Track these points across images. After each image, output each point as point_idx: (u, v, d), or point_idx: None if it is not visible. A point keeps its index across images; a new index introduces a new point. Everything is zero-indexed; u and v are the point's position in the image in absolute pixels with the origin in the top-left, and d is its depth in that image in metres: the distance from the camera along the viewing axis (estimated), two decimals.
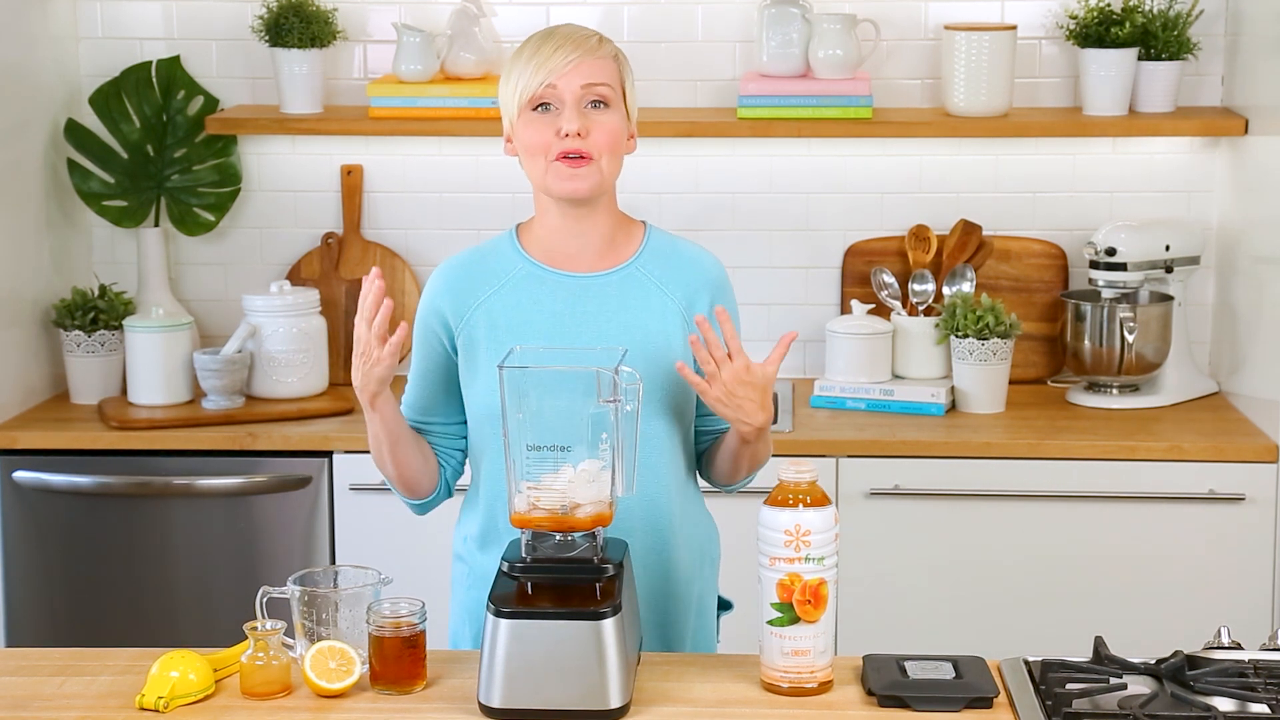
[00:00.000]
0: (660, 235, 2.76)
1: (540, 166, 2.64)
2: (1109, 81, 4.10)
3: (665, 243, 2.74)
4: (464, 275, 2.72)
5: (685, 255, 2.73)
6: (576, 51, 2.62)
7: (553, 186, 2.65)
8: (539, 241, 2.72)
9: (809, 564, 2.37)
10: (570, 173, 2.62)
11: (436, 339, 2.71)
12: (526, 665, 2.32)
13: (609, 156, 2.64)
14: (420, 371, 2.74)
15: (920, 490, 3.83)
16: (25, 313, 4.13)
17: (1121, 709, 2.33)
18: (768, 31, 4.16)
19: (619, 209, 2.73)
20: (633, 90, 2.70)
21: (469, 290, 2.70)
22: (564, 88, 2.61)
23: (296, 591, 2.49)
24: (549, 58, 2.62)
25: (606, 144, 2.63)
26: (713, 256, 2.76)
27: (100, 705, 2.41)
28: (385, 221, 4.38)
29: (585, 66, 2.62)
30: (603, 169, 2.63)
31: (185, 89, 4.32)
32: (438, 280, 2.73)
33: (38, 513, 3.94)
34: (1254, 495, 3.79)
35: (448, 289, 2.71)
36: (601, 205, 2.68)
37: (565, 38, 2.64)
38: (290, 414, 4.02)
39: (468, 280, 2.71)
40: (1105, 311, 4.08)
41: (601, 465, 2.42)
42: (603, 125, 2.62)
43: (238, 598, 3.40)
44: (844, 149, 4.30)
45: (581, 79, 2.61)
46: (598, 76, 2.62)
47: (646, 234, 2.74)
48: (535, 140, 2.63)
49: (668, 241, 2.75)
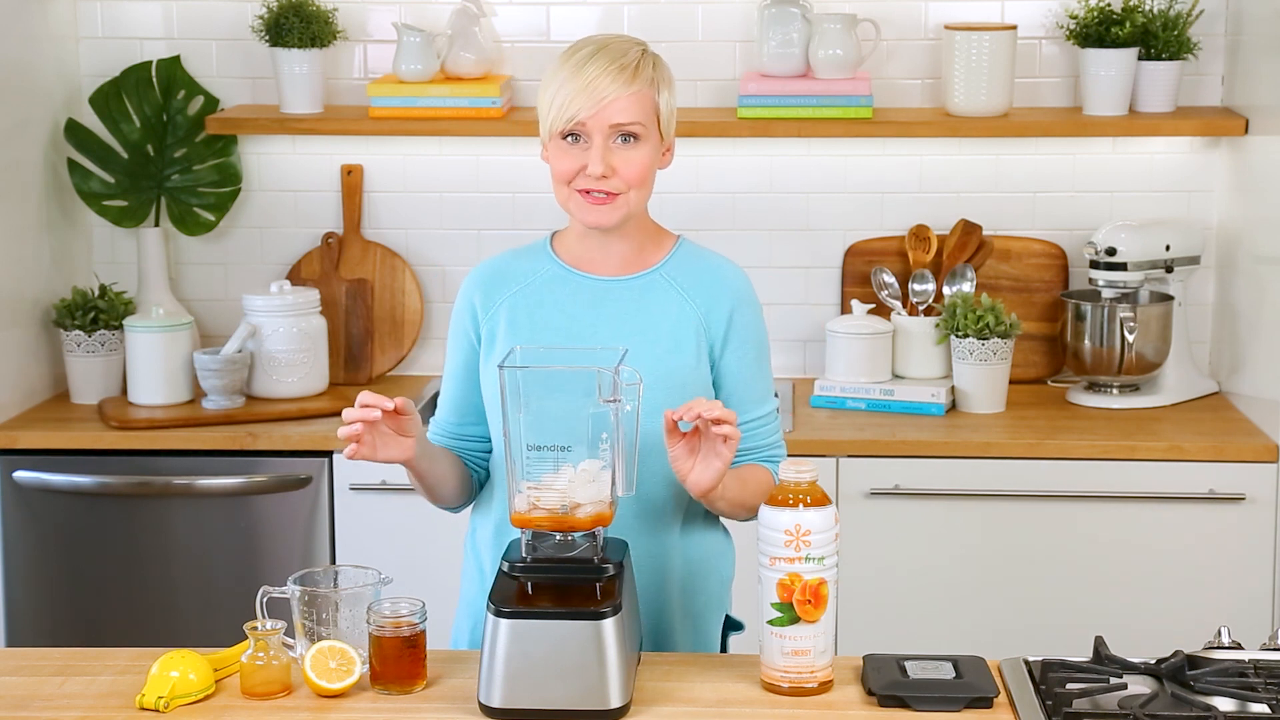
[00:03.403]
0: (690, 247, 2.74)
1: (564, 193, 2.64)
2: (1109, 81, 4.10)
3: (693, 253, 2.73)
4: (495, 274, 2.73)
5: (710, 266, 2.72)
6: (611, 87, 2.56)
7: (576, 214, 2.65)
8: (569, 248, 2.72)
9: (809, 564, 2.37)
10: (593, 209, 2.62)
11: (467, 337, 2.73)
12: (527, 665, 2.32)
13: (638, 190, 2.62)
14: (454, 372, 2.75)
15: (920, 490, 3.83)
16: (25, 313, 4.13)
17: (1121, 709, 2.33)
18: (768, 31, 4.16)
19: (651, 220, 2.73)
20: (670, 103, 2.64)
21: (497, 288, 2.71)
22: (592, 126, 2.58)
23: (296, 591, 2.49)
24: (581, 90, 2.57)
25: (636, 179, 2.61)
26: (739, 270, 2.74)
27: (100, 705, 2.41)
28: (385, 221, 4.38)
29: (617, 105, 2.58)
30: (630, 201, 2.62)
31: (185, 89, 4.32)
32: (472, 278, 2.75)
33: (38, 513, 3.94)
34: (1254, 495, 3.79)
35: (480, 286, 2.73)
36: (630, 224, 2.67)
37: (603, 69, 2.57)
38: (290, 414, 4.02)
39: (498, 279, 2.72)
40: (1105, 311, 4.08)
41: (601, 465, 2.42)
42: (630, 161, 2.60)
43: (238, 598, 3.40)
44: (844, 149, 4.30)
45: (611, 119, 2.58)
46: (629, 115, 2.58)
47: (677, 244, 2.73)
48: (561, 169, 2.62)
49: (696, 253, 2.74)
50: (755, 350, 2.71)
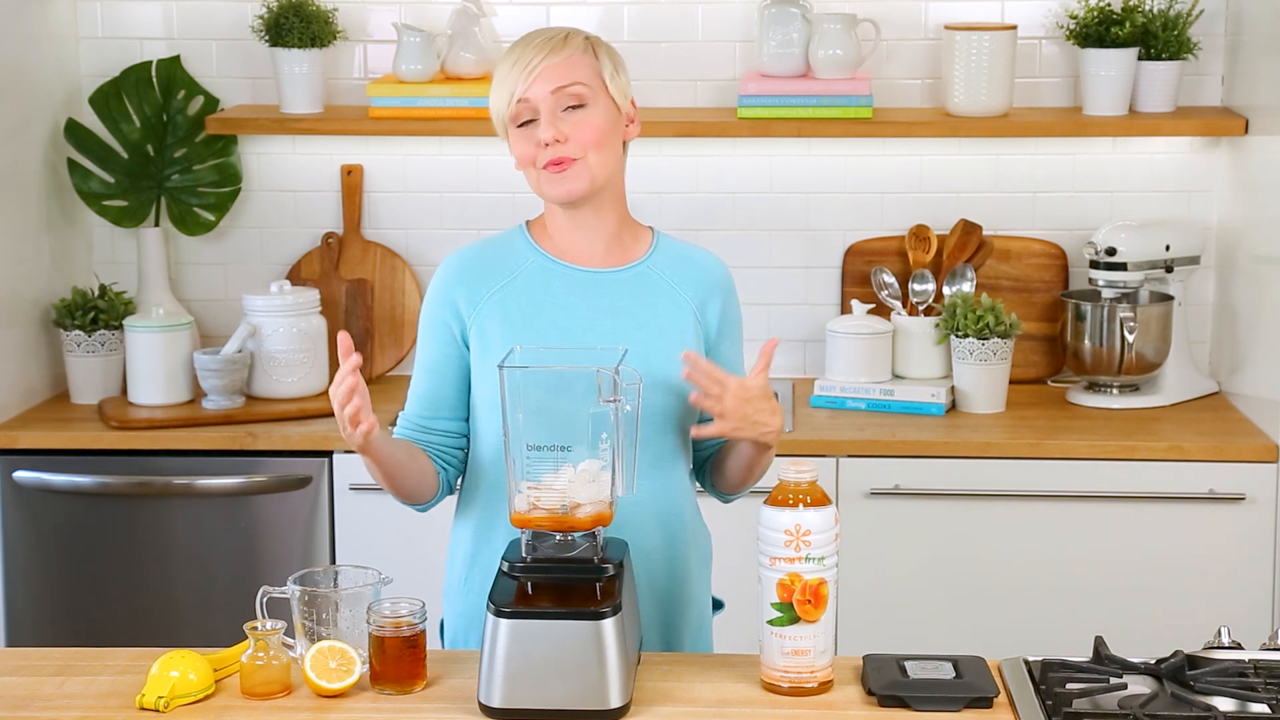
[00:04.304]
0: (668, 239, 2.77)
1: (533, 177, 2.65)
2: (1109, 81, 4.10)
3: (674, 246, 2.75)
4: (476, 266, 2.71)
5: (695, 259, 2.75)
6: (539, 57, 2.60)
7: (546, 192, 2.65)
8: (549, 238, 2.72)
9: (809, 564, 2.37)
10: (557, 177, 2.62)
11: (448, 330, 2.70)
12: (527, 665, 2.32)
13: (596, 152, 2.62)
14: (429, 365, 2.72)
15: (920, 490, 3.83)
16: (25, 313, 4.13)
17: (1121, 709, 2.33)
18: (768, 31, 4.16)
19: (628, 211, 2.73)
20: (619, 75, 2.67)
21: (481, 281, 2.69)
22: (535, 98, 2.60)
23: (296, 591, 2.49)
24: (510, 72, 2.61)
25: (591, 140, 2.61)
26: (720, 261, 2.77)
27: (100, 705, 2.41)
28: (385, 221, 4.38)
29: (550, 72, 2.60)
30: (591, 166, 2.62)
31: (185, 89, 4.32)
32: (449, 270, 2.72)
33: (38, 513, 3.94)
34: (1254, 495, 3.79)
35: (460, 279, 2.70)
36: (606, 202, 2.68)
37: (526, 46, 2.63)
38: (290, 414, 4.02)
39: (480, 271, 2.71)
40: (1105, 311, 4.08)
41: (601, 465, 2.42)
42: (582, 124, 2.61)
43: (238, 598, 3.40)
44: (844, 149, 4.30)
45: (549, 85, 2.60)
46: (565, 78, 2.60)
47: (655, 238, 2.75)
48: (522, 154, 2.64)
49: (676, 245, 2.76)
50: (740, 337, 2.78)
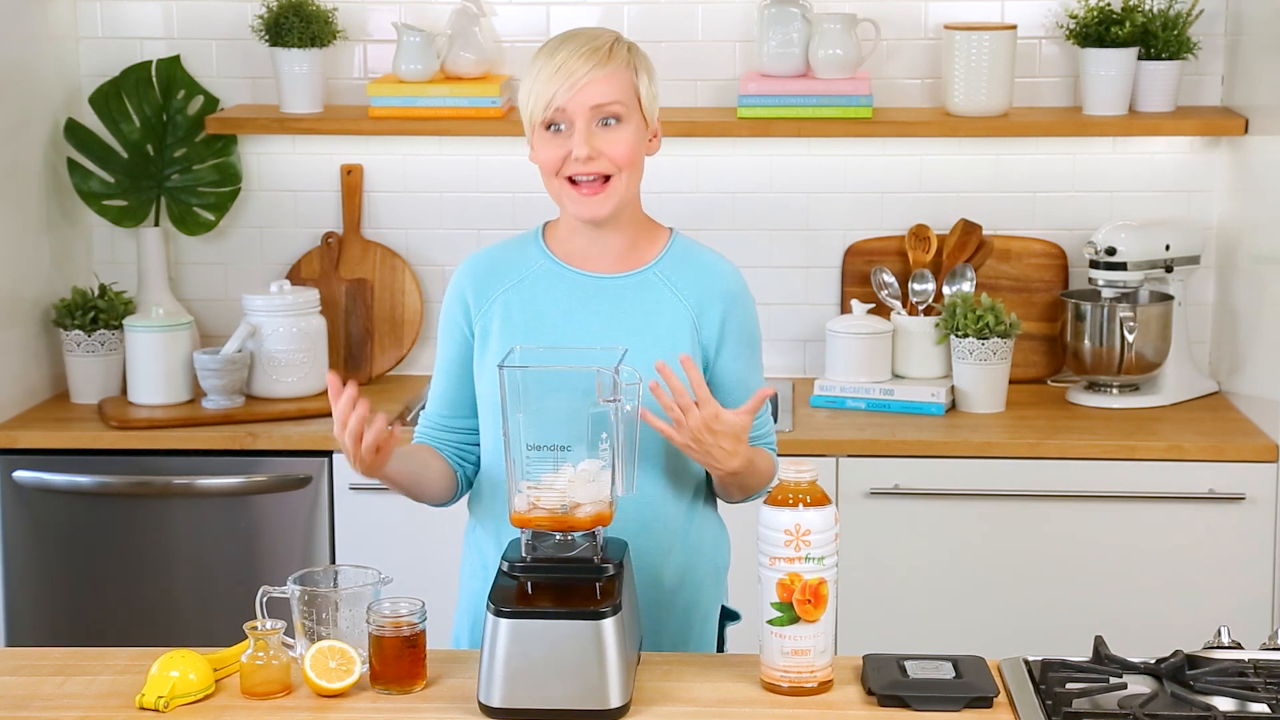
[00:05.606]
0: (684, 242, 2.74)
1: (555, 185, 2.64)
2: (1109, 81, 4.10)
3: (687, 250, 2.73)
4: (488, 267, 2.73)
5: (703, 263, 2.71)
6: (584, 68, 2.57)
7: (569, 208, 2.64)
8: (562, 242, 2.72)
9: (809, 564, 2.37)
10: (587, 200, 2.61)
11: (459, 329, 2.72)
12: (527, 665, 2.32)
13: (626, 171, 2.61)
14: (445, 364, 2.74)
15: (920, 490, 3.83)
16: (25, 312, 4.13)
17: (1121, 709, 2.33)
18: (768, 31, 4.16)
19: (643, 214, 2.72)
20: (651, 89, 2.65)
21: (490, 281, 2.71)
22: (572, 110, 2.58)
23: (296, 591, 2.49)
24: (553, 76, 2.58)
25: (624, 159, 2.60)
26: (732, 266, 2.73)
27: (100, 705, 2.41)
28: (385, 221, 4.38)
29: (594, 87, 2.58)
30: (620, 186, 2.61)
31: (185, 89, 4.32)
32: (464, 270, 2.74)
33: (38, 513, 3.94)
34: (1254, 495, 3.79)
35: (472, 279, 2.72)
36: (623, 216, 2.67)
37: (573, 52, 2.59)
38: (290, 414, 4.02)
39: (491, 272, 2.72)
40: (1105, 311, 4.08)
41: (601, 465, 2.42)
42: (615, 141, 2.59)
43: (238, 598, 3.39)
44: (844, 149, 4.30)
45: (590, 100, 2.58)
46: (607, 95, 2.58)
47: (670, 240, 2.73)
48: (547, 158, 2.62)
49: (690, 248, 2.73)
50: (749, 347, 2.72)
